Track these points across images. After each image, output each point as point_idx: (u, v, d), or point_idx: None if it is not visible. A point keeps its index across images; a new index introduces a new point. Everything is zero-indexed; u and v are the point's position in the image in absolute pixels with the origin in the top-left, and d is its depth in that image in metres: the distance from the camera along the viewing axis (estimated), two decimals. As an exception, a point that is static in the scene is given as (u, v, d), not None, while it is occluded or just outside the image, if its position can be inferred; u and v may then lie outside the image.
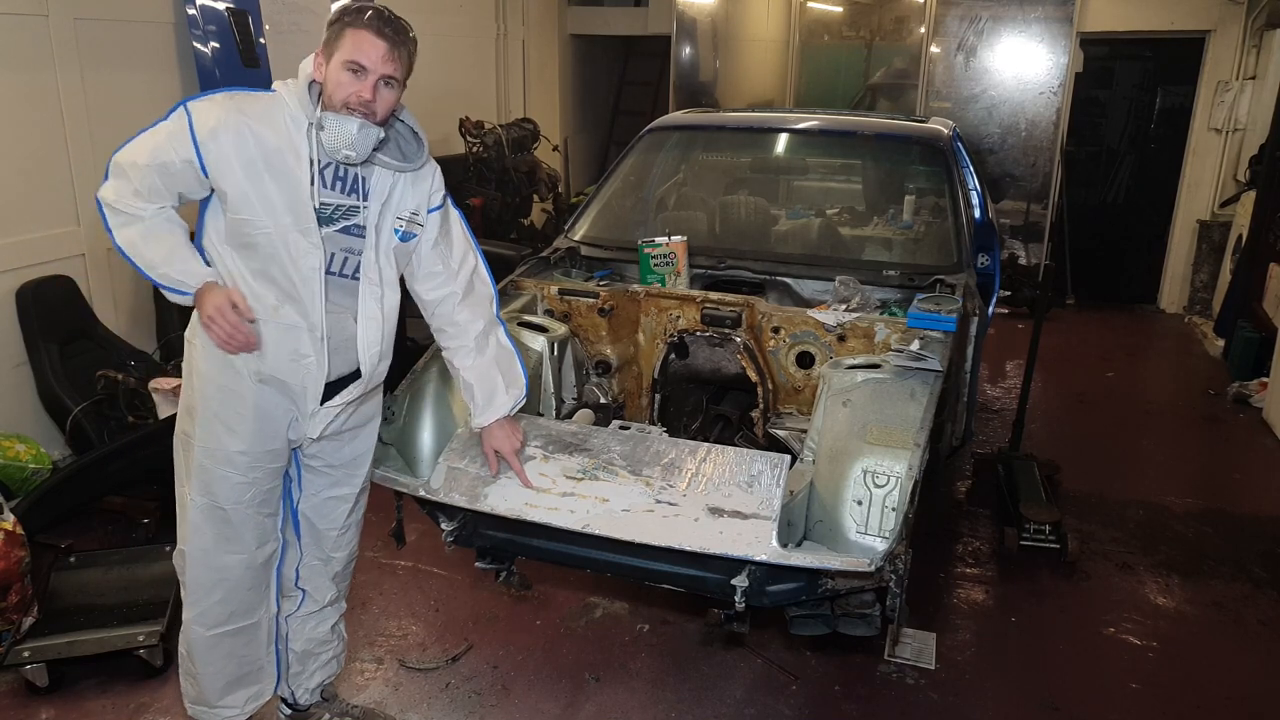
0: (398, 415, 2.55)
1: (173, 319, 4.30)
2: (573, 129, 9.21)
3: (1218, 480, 4.49)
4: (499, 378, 2.30)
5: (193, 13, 4.39)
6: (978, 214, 3.84)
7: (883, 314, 2.97)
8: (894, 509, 2.16)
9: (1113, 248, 8.28)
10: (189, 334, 2.13)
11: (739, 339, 2.90)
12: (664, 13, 8.11)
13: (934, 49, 7.39)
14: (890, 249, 3.63)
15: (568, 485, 2.27)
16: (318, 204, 1.99)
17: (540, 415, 2.85)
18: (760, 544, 2.08)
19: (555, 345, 2.92)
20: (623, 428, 2.57)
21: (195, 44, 4.42)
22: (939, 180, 3.69)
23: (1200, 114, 7.00)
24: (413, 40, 1.99)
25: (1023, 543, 3.61)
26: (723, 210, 3.85)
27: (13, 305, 3.78)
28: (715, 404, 3.23)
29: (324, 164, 2.00)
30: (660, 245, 3.26)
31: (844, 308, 2.97)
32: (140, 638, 2.78)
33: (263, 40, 4.72)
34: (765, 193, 4.01)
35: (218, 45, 4.49)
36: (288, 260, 1.99)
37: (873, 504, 2.18)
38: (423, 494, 2.38)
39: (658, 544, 2.14)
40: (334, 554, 2.41)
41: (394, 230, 2.11)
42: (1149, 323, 7.20)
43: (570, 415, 3.00)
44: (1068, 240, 7.46)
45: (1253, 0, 6.56)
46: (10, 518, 2.86)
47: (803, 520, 2.25)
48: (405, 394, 2.59)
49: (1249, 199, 6.24)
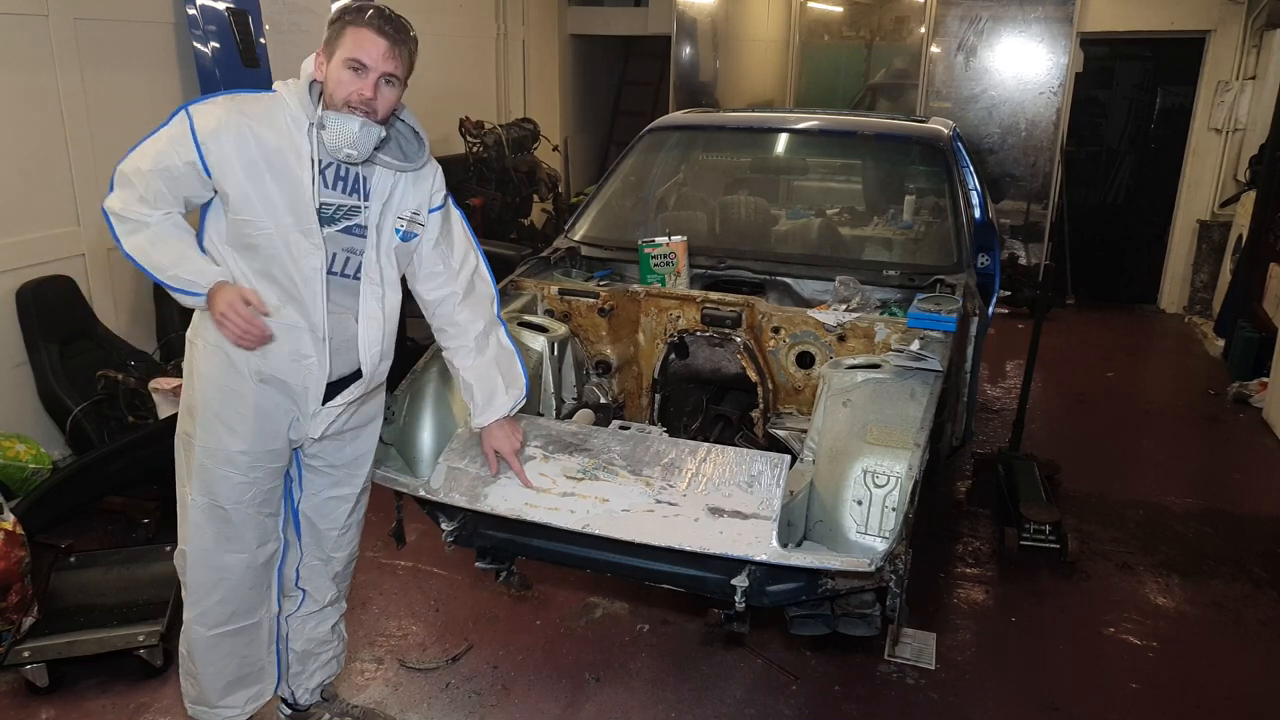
0: (398, 415, 2.55)
1: (173, 319, 4.30)
2: (573, 129, 9.21)
3: (1218, 480, 4.49)
4: (499, 378, 2.30)
5: (193, 13, 4.40)
6: (978, 214, 3.84)
7: (883, 314, 2.97)
8: (894, 509, 2.16)
9: (1113, 248, 8.28)
10: (190, 334, 2.13)
11: (739, 339, 2.90)
12: (664, 13, 8.11)
13: (934, 49, 7.39)
14: (890, 249, 3.63)
15: (568, 485, 2.27)
16: (319, 204, 1.99)
17: (540, 415, 2.85)
18: (760, 544, 2.08)
19: (555, 345, 2.92)
20: (623, 428, 2.57)
21: (195, 44, 4.42)
22: (939, 180, 3.69)
23: (1200, 114, 7.00)
24: (413, 39, 2.00)
25: (1023, 543, 3.61)
26: (723, 210, 3.85)
27: (13, 305, 3.78)
28: (715, 404, 3.23)
29: (325, 164, 2.00)
30: (660, 245, 3.27)
31: (844, 308, 2.97)
32: (140, 638, 2.78)
33: (263, 40, 4.72)
34: (765, 193, 4.01)
35: (218, 45, 4.49)
36: (289, 261, 1.99)
37: (873, 504, 2.18)
38: (423, 494, 2.38)
39: (658, 544, 2.14)
40: (334, 554, 2.41)
41: (395, 230, 2.11)
42: (1149, 323, 7.20)
43: (570, 415, 3.00)
44: (1068, 240, 7.46)
45: (1253, 0, 6.57)
46: (10, 518, 2.86)
47: (803, 520, 2.25)
48: (405, 394, 2.58)
49: (1249, 199, 6.24)
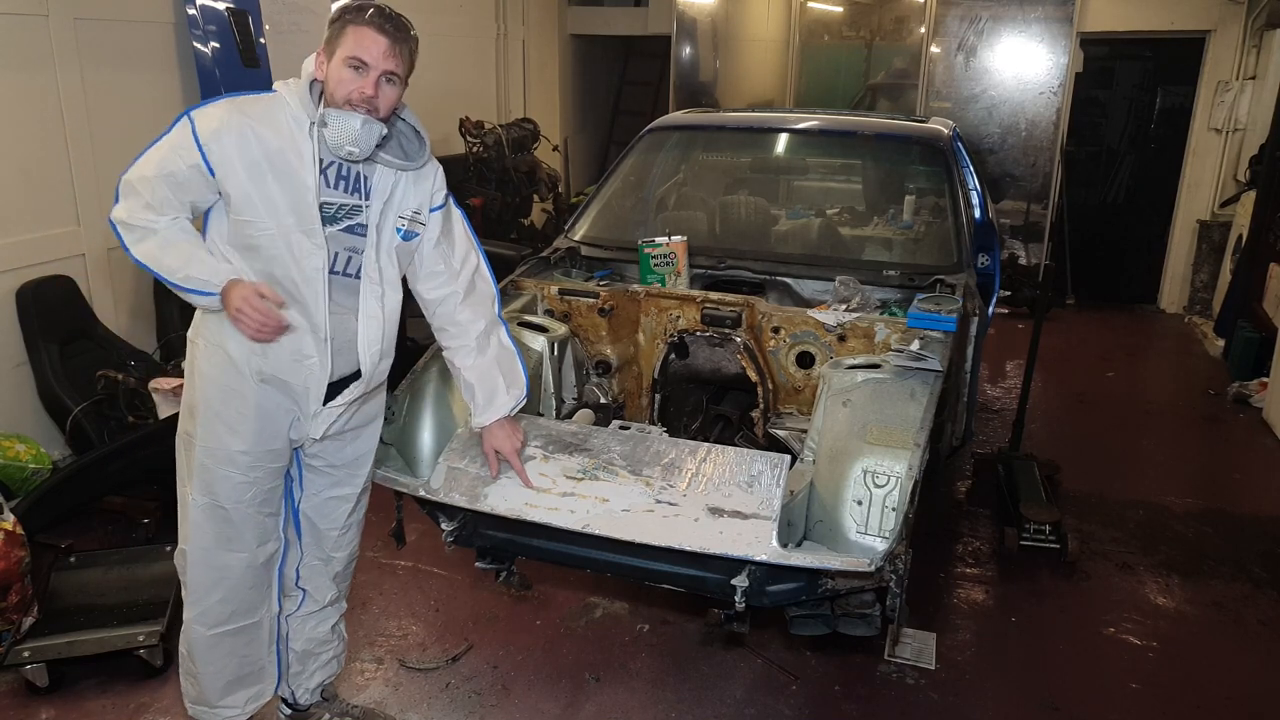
0: (398, 415, 2.55)
1: (173, 319, 4.30)
2: (573, 129, 9.21)
3: (1218, 480, 4.49)
4: (500, 378, 2.30)
5: (193, 13, 4.40)
6: (978, 214, 3.84)
7: (883, 314, 2.97)
8: (894, 509, 2.16)
9: (1113, 248, 8.27)
10: (191, 334, 2.13)
11: (739, 339, 2.90)
12: (664, 13, 8.11)
13: (934, 49, 7.39)
14: (890, 249, 3.63)
15: (568, 485, 2.27)
16: (321, 203, 1.99)
17: (540, 415, 2.85)
18: (760, 544, 2.08)
19: (555, 345, 2.92)
20: (623, 428, 2.57)
21: (195, 44, 4.42)
22: (939, 180, 3.69)
23: (1200, 114, 7.00)
24: (414, 38, 2.00)
25: (1023, 543, 3.61)
26: (723, 210, 3.85)
27: (13, 305, 3.78)
28: (715, 404, 3.23)
29: (327, 163, 2.00)
30: (660, 245, 3.27)
31: (844, 308, 2.97)
32: (140, 638, 2.78)
33: (263, 40, 4.72)
34: (765, 193, 4.01)
35: (218, 45, 4.49)
36: (291, 261, 1.99)
37: (873, 504, 2.18)
38: (423, 494, 2.38)
39: (658, 544, 2.14)
40: (335, 554, 2.41)
41: (396, 229, 2.11)
42: (1149, 323, 7.20)
43: (570, 415, 3.00)
44: (1068, 240, 7.46)
45: (1253, 0, 6.57)
46: (10, 518, 2.86)
47: (803, 520, 2.25)
48: (405, 394, 2.58)
49: (1249, 199, 6.24)
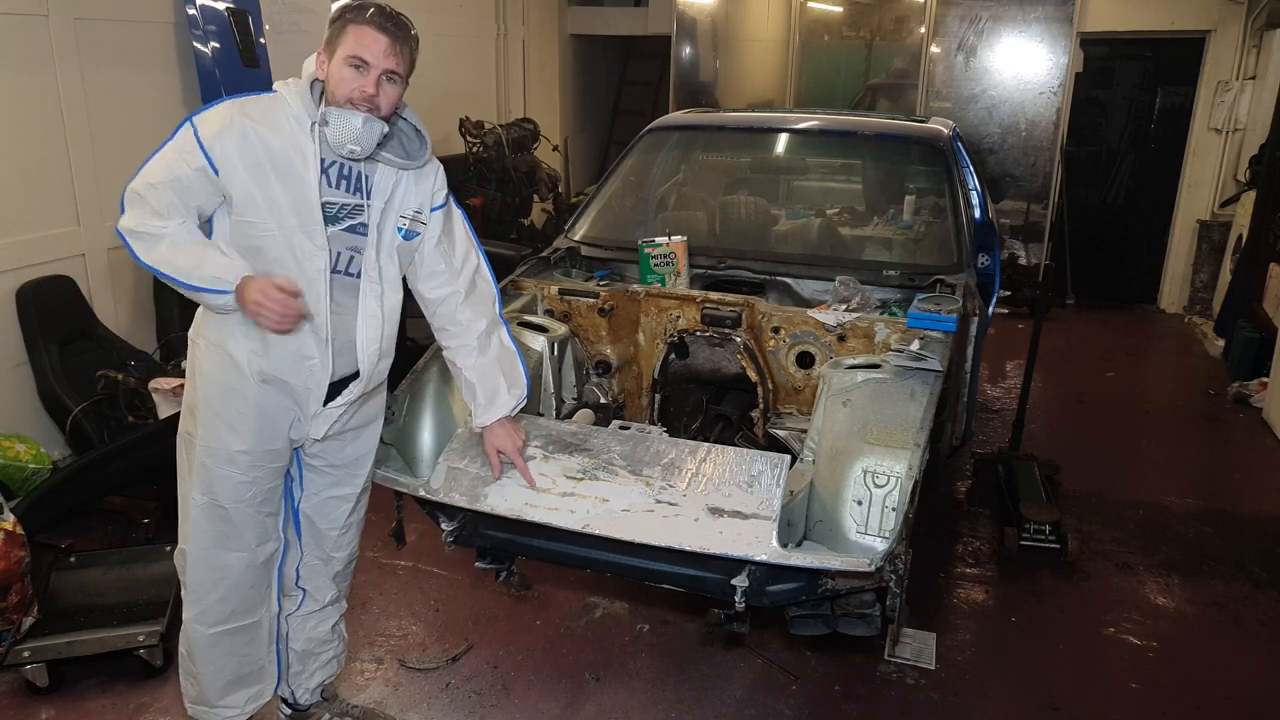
0: (398, 415, 2.55)
1: (173, 319, 4.30)
2: (573, 129, 9.21)
3: (1218, 480, 4.49)
4: (501, 378, 2.30)
5: (193, 13, 4.39)
6: (978, 214, 3.84)
7: (883, 314, 2.97)
8: (894, 509, 2.16)
9: (1113, 248, 8.27)
10: (192, 333, 2.13)
11: (739, 339, 2.90)
12: (664, 13, 8.11)
13: (934, 49, 7.39)
14: (890, 249, 3.63)
15: (568, 485, 2.27)
16: (323, 203, 1.99)
17: (540, 415, 2.85)
18: (760, 544, 2.08)
19: (555, 345, 2.92)
20: (623, 428, 2.57)
21: (195, 44, 4.42)
22: (939, 180, 3.69)
23: (1200, 114, 7.00)
24: (415, 37, 2.00)
25: (1023, 543, 3.61)
26: (723, 210, 3.85)
27: (13, 305, 3.78)
28: (715, 404, 3.23)
29: (328, 163, 2.00)
30: (660, 245, 3.26)
31: (844, 308, 2.97)
32: (140, 638, 2.78)
33: (263, 40, 4.72)
34: (765, 193, 4.01)
35: (218, 45, 4.49)
36: (293, 262, 1.99)
37: (873, 504, 2.18)
38: (423, 494, 2.38)
39: (658, 544, 2.14)
40: (334, 554, 2.41)
41: (397, 229, 2.11)
42: (1149, 323, 7.20)
43: (570, 415, 3.00)
44: (1068, 240, 7.46)
45: (1253, 0, 6.57)
46: (10, 518, 2.86)
47: (803, 520, 2.25)
48: (405, 394, 2.58)
49: (1249, 199, 6.24)
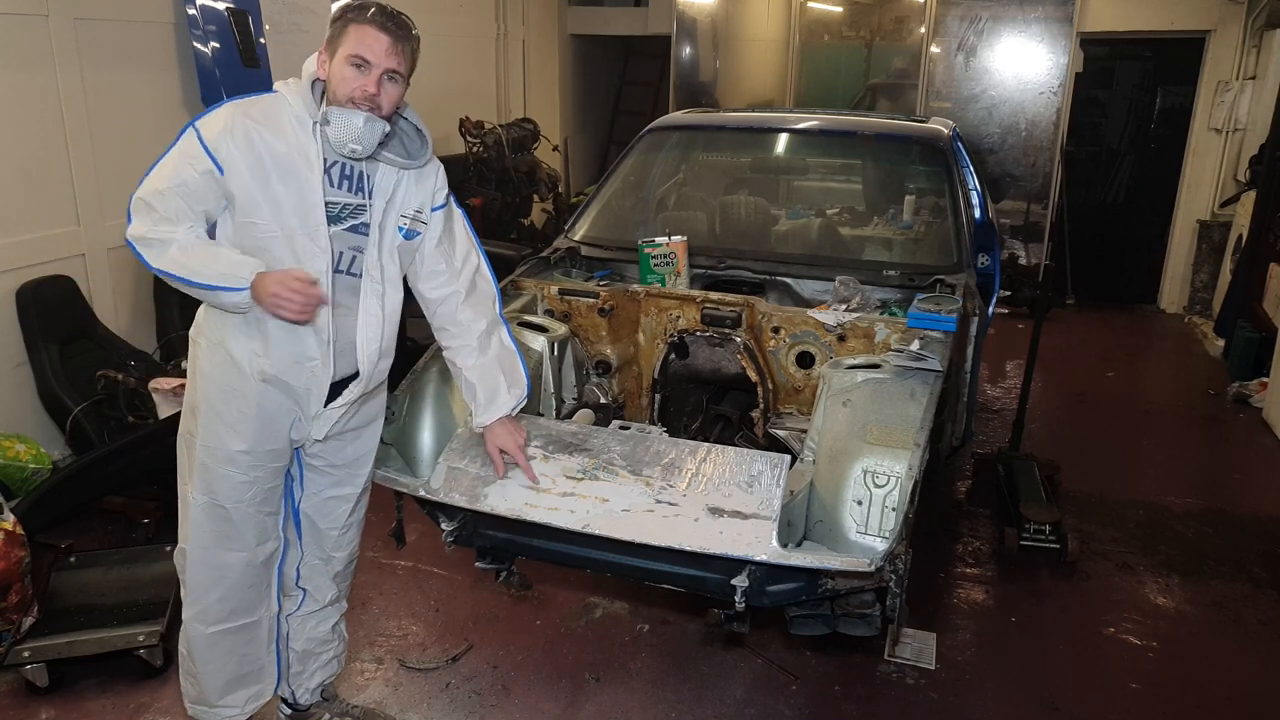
0: (398, 415, 2.55)
1: (173, 319, 4.30)
2: (573, 129, 9.21)
3: (1218, 480, 4.49)
4: (501, 377, 2.30)
5: (193, 13, 4.40)
6: (978, 214, 3.84)
7: (883, 314, 2.97)
8: (894, 509, 2.16)
9: (1113, 248, 8.28)
10: (193, 333, 2.14)
11: (739, 339, 2.90)
12: (664, 13, 8.11)
13: (934, 49, 7.39)
14: (890, 249, 3.63)
15: (568, 485, 2.27)
16: (325, 203, 1.99)
17: (540, 415, 2.85)
18: (760, 544, 2.08)
19: (555, 345, 2.92)
20: (623, 428, 2.56)
21: (195, 44, 4.42)
22: (939, 180, 3.69)
23: (1200, 114, 7.00)
24: (416, 36, 2.00)
25: (1023, 543, 3.61)
26: (723, 210, 3.85)
27: (13, 305, 3.78)
28: (715, 404, 3.23)
29: (330, 163, 2.00)
30: (660, 245, 3.26)
31: (844, 308, 2.97)
32: (140, 638, 2.78)
33: (263, 40, 4.72)
34: (765, 193, 4.01)
35: (218, 45, 4.49)
36: (295, 263, 1.99)
37: (873, 504, 2.17)
38: (423, 494, 2.38)
39: (658, 544, 2.14)
40: (335, 553, 2.41)
41: (398, 228, 2.11)
42: (1149, 323, 7.20)
43: (570, 415, 3.00)
44: (1068, 240, 7.46)
45: (1253, 0, 6.57)
46: (10, 518, 2.86)
47: (803, 520, 2.25)
48: (405, 394, 2.58)
49: (1249, 199, 6.24)
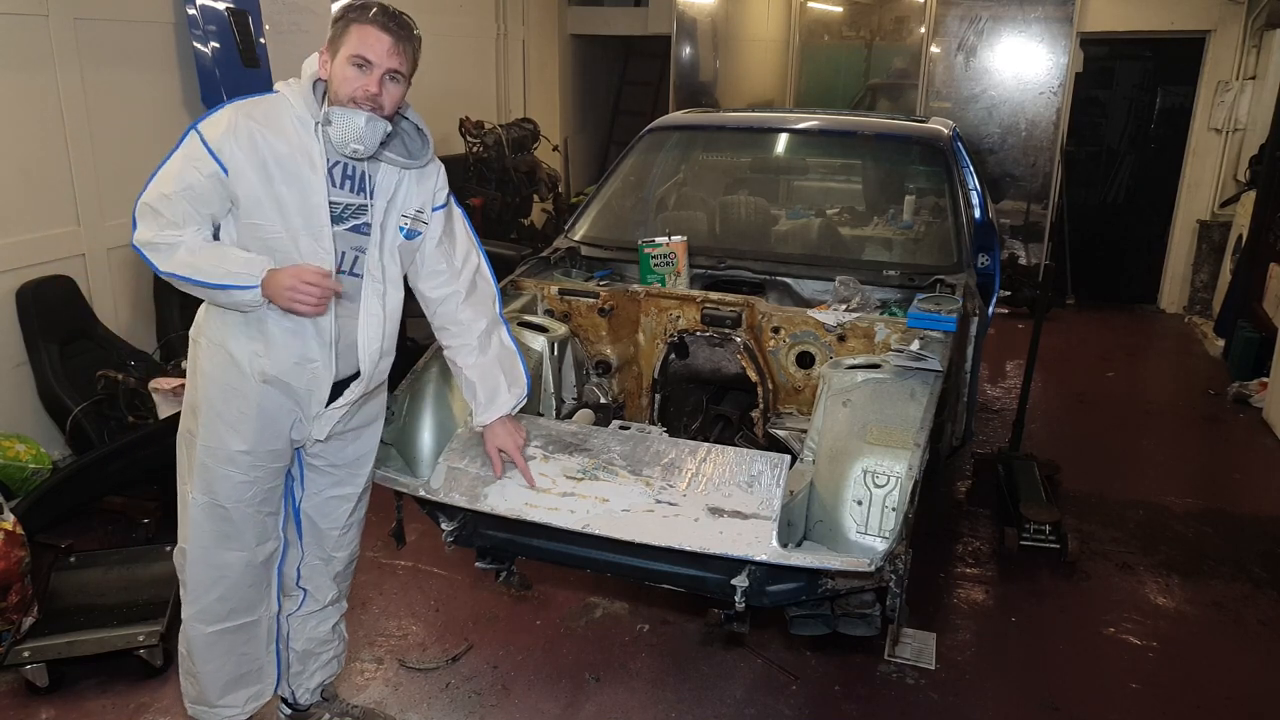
0: (398, 415, 2.55)
1: (173, 319, 4.30)
2: (573, 129, 9.21)
3: (1218, 480, 4.49)
4: (501, 377, 2.30)
5: (193, 13, 4.40)
6: (978, 214, 3.84)
7: (883, 314, 2.97)
8: (894, 509, 2.16)
9: (1113, 248, 8.28)
10: (193, 333, 2.14)
11: (739, 339, 2.90)
12: (664, 13, 8.11)
13: (934, 49, 7.39)
14: (890, 249, 3.63)
15: (568, 485, 2.27)
16: (329, 203, 1.99)
17: (540, 415, 2.85)
18: (760, 544, 2.08)
19: (555, 345, 2.92)
20: (623, 428, 2.57)
21: (195, 44, 4.42)
22: (939, 180, 3.69)
23: (1200, 114, 7.00)
24: (417, 36, 2.00)
25: (1023, 543, 3.61)
26: (723, 210, 3.85)
27: (13, 305, 3.78)
28: (715, 404, 3.23)
29: (332, 163, 2.00)
30: (660, 245, 3.27)
31: (844, 308, 2.97)
32: (140, 638, 2.78)
33: (263, 40, 4.72)
34: (765, 193, 4.01)
35: (218, 45, 4.49)
36: (299, 263, 1.98)
37: (873, 504, 2.18)
38: (423, 494, 2.38)
39: (658, 544, 2.14)
40: (335, 553, 2.41)
41: (399, 228, 2.12)
42: (1149, 323, 7.20)
43: (570, 415, 3.00)
44: (1068, 240, 7.46)
45: (1253, 0, 6.57)
46: (10, 518, 2.86)
47: (803, 520, 2.25)
48: (405, 394, 2.58)
49: (1249, 199, 6.24)
